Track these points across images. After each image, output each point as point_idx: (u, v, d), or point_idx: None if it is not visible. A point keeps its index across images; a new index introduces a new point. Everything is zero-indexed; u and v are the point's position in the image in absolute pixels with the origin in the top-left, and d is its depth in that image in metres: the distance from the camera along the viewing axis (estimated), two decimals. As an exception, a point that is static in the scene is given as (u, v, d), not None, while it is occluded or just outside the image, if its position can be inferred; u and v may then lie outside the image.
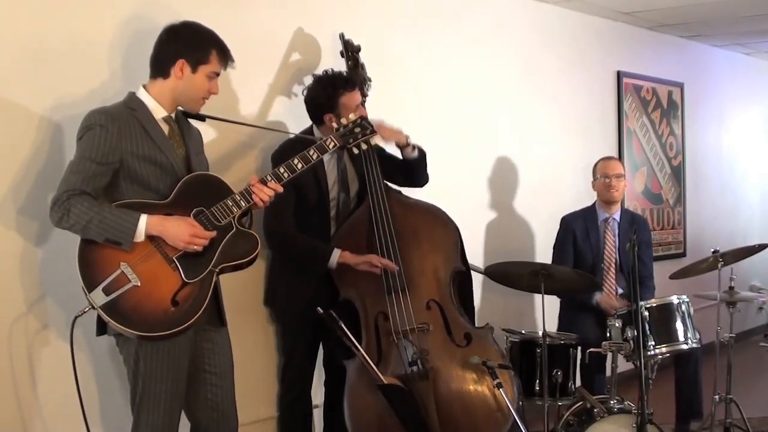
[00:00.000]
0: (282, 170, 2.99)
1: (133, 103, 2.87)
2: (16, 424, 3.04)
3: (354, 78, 3.73)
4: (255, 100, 3.85)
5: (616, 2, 5.63)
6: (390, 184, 3.81)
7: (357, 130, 3.19)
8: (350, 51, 3.86)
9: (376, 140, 3.70)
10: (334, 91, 3.61)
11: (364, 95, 3.79)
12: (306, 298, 3.64)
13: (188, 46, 2.88)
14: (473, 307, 3.92)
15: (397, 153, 3.85)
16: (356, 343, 3.34)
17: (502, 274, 4.15)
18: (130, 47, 3.26)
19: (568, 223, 4.80)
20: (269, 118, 3.90)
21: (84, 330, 2.96)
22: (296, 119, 3.84)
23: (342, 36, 3.89)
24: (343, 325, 3.27)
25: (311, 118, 3.73)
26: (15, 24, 3.02)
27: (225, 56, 2.94)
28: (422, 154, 3.83)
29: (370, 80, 3.86)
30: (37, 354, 3.09)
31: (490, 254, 5.02)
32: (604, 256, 4.70)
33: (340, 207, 3.75)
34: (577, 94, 5.81)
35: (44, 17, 3.09)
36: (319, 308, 3.27)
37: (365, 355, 3.34)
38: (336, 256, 3.55)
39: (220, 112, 3.37)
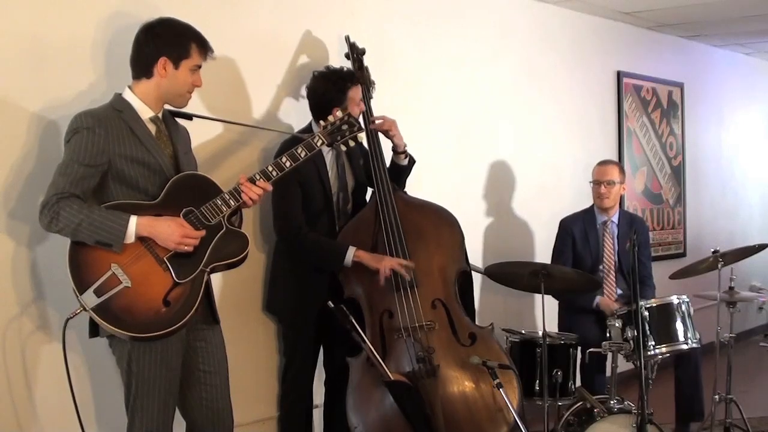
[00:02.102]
0: (270, 168, 2.99)
1: (119, 105, 2.87)
2: (11, 427, 3.03)
3: (357, 72, 3.77)
4: (263, 100, 3.86)
5: (616, 2, 5.63)
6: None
7: (344, 127, 3.19)
8: (355, 53, 3.88)
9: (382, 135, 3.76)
10: (343, 84, 3.67)
11: (369, 97, 3.82)
12: (306, 298, 3.65)
13: (167, 43, 2.87)
14: (474, 308, 3.93)
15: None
16: (365, 338, 3.35)
17: (502, 274, 4.16)
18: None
19: (566, 226, 4.77)
20: (277, 118, 3.91)
21: (78, 331, 2.96)
22: (304, 119, 3.85)
23: (348, 38, 3.90)
24: (353, 320, 3.29)
25: (317, 113, 3.71)
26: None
27: (204, 48, 2.94)
28: (411, 164, 3.91)
29: (374, 82, 3.87)
30: (31, 356, 3.08)
31: (490, 254, 5.02)
32: (603, 259, 4.68)
33: (340, 203, 3.76)
34: (577, 94, 5.81)
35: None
36: (330, 302, 3.29)
37: (373, 350, 3.35)
38: (351, 254, 3.57)
39: (227, 113, 3.38)
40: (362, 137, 3.44)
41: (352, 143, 3.24)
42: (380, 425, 3.49)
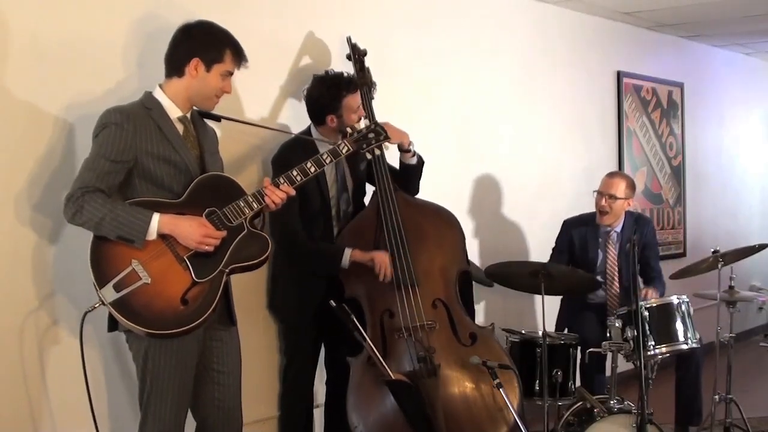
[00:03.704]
0: (295, 173, 3.02)
1: (149, 103, 2.90)
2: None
3: (355, 79, 3.75)
4: (265, 102, 3.87)
5: (616, 2, 5.64)
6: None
7: (371, 135, 3.23)
8: (357, 54, 3.87)
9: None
10: (338, 92, 3.65)
11: (371, 98, 3.81)
12: (308, 297, 3.66)
13: (203, 44, 2.90)
14: (473, 307, 3.94)
15: (393, 157, 3.86)
16: (366, 337, 3.36)
17: (502, 274, 4.17)
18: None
19: (567, 227, 4.72)
20: (279, 119, 3.92)
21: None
22: (306, 121, 3.86)
23: (349, 39, 3.90)
24: (354, 319, 3.30)
25: (312, 117, 3.75)
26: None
27: (239, 56, 2.97)
28: (420, 163, 3.89)
29: (375, 83, 3.87)
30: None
31: (490, 254, 5.02)
32: (606, 271, 4.62)
33: (341, 205, 3.76)
34: (577, 94, 5.82)
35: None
36: (332, 301, 3.29)
37: (374, 349, 3.36)
38: (348, 255, 3.58)
39: (231, 114, 3.38)
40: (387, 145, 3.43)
41: (377, 152, 3.26)
42: (381, 425, 3.50)
